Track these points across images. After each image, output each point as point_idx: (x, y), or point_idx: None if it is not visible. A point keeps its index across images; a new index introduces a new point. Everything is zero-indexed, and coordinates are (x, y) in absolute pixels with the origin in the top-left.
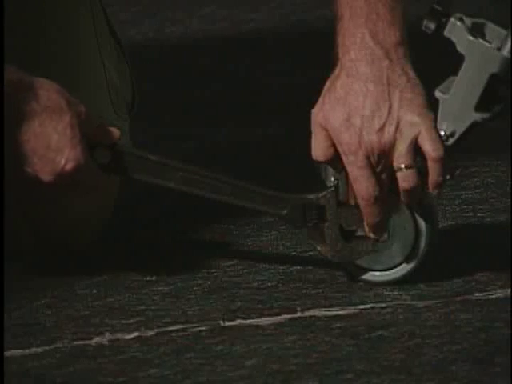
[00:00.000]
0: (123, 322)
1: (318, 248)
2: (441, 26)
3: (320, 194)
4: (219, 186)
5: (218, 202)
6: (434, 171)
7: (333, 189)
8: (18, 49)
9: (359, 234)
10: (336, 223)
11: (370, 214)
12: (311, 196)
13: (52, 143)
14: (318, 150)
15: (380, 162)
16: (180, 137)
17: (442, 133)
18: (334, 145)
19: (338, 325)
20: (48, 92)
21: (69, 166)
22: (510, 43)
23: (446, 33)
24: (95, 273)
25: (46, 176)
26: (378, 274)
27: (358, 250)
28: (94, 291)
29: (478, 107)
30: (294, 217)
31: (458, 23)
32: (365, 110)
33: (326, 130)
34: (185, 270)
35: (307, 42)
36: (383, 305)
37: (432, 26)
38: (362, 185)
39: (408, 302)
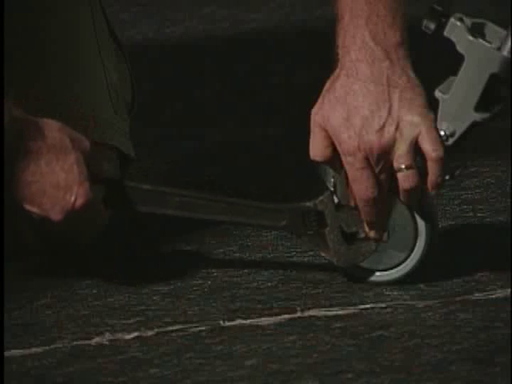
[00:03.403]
0: (123, 321)
1: (323, 254)
2: (441, 26)
3: (317, 200)
4: (215, 206)
5: (216, 222)
6: (433, 171)
7: (329, 193)
8: (17, 49)
9: (361, 235)
10: (336, 227)
11: (370, 214)
12: (308, 203)
13: (60, 182)
14: (316, 149)
15: (379, 163)
16: (180, 137)
17: (442, 133)
18: (332, 145)
19: (338, 325)
20: (52, 131)
21: (79, 203)
22: (510, 43)
23: (445, 33)
24: (95, 273)
25: (55, 215)
26: (377, 274)
27: (361, 252)
28: (94, 291)
29: (478, 107)
30: (293, 226)
31: (458, 23)
32: (364, 110)
33: (325, 129)
34: (185, 270)
35: (307, 42)
36: (383, 305)
37: (432, 26)
38: (362, 185)
39: (408, 302)
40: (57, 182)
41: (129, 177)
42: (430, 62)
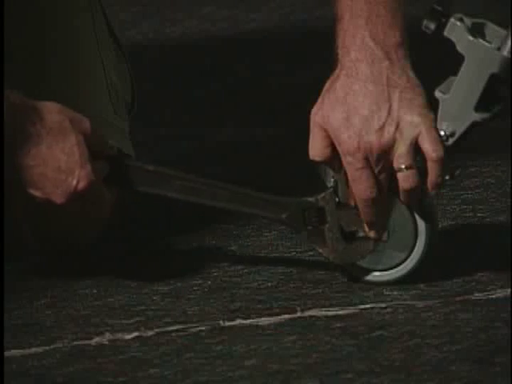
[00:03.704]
0: (123, 321)
1: (320, 251)
2: (441, 26)
3: (319, 196)
4: (217, 192)
5: (216, 208)
6: (433, 171)
7: (331, 190)
8: (17, 49)
9: (360, 234)
10: (336, 224)
11: (369, 214)
12: (310, 199)
13: (61, 165)
14: (316, 149)
15: (379, 163)
16: (180, 137)
17: (442, 133)
18: (331, 145)
19: (338, 325)
20: (51, 114)
21: (81, 185)
22: (510, 43)
23: (445, 33)
24: (95, 273)
25: (58, 198)
26: (377, 274)
27: (359, 251)
28: (94, 291)
29: (478, 107)
30: (293, 220)
31: (458, 23)
32: (364, 110)
33: (325, 129)
34: (185, 270)
35: (307, 42)
36: (383, 305)
37: (432, 26)
38: (361, 185)
39: (408, 302)
40: (58, 165)
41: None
42: (430, 62)
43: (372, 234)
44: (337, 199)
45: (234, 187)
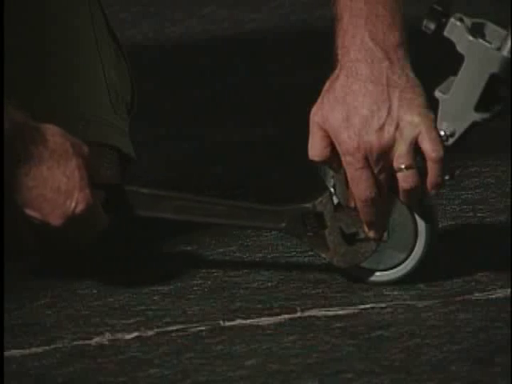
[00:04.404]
0: (123, 321)
1: (323, 255)
2: (441, 26)
3: (316, 201)
4: (214, 208)
5: (216, 225)
6: (433, 171)
7: (328, 194)
8: (17, 49)
9: (361, 236)
10: (336, 227)
11: (369, 214)
12: (308, 204)
13: (61, 187)
14: (315, 149)
15: (379, 163)
16: (180, 137)
17: (442, 133)
18: (330, 145)
19: (338, 325)
20: (54, 136)
21: (79, 209)
22: (510, 43)
23: (445, 33)
24: (95, 273)
25: (55, 220)
26: (378, 274)
27: (361, 252)
28: (94, 291)
29: (478, 107)
30: (293, 228)
31: (458, 23)
32: (364, 110)
33: (324, 130)
34: (185, 270)
35: (307, 42)
36: (383, 305)
37: (432, 25)
38: (361, 186)
39: (408, 302)
40: (58, 187)
41: (129, 177)
42: (430, 62)
43: (372, 234)
44: (335, 202)
45: (230, 202)
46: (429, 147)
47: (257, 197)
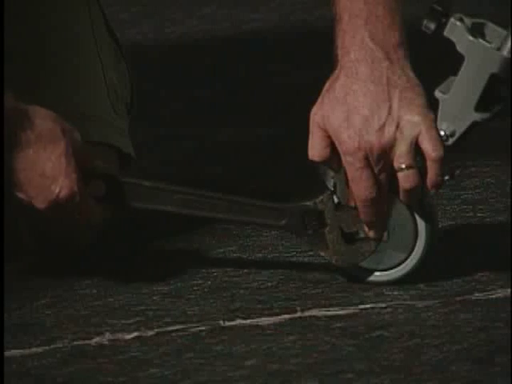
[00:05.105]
0: (123, 321)
1: (322, 254)
2: (441, 26)
3: (317, 200)
4: (215, 203)
5: (216, 220)
6: (433, 171)
7: (329, 193)
8: (17, 49)
9: (361, 235)
10: (336, 226)
11: (369, 214)
12: (308, 203)
13: (46, 171)
14: (315, 149)
15: (379, 162)
16: (180, 137)
17: (442, 133)
18: (330, 145)
19: (338, 325)
20: (43, 120)
21: (63, 194)
22: (510, 43)
23: (445, 33)
24: (95, 273)
25: (39, 203)
26: (377, 273)
27: (361, 252)
28: (94, 291)
29: (478, 107)
30: (293, 226)
31: (458, 23)
32: (364, 110)
33: (325, 130)
34: (185, 270)
35: (307, 42)
36: (383, 305)
37: (432, 26)
38: (361, 185)
39: (408, 302)
40: (43, 171)
41: (128, 176)
42: (430, 62)
43: (371, 234)
44: (335, 201)
45: (232, 197)
46: (429, 147)
47: (257, 197)
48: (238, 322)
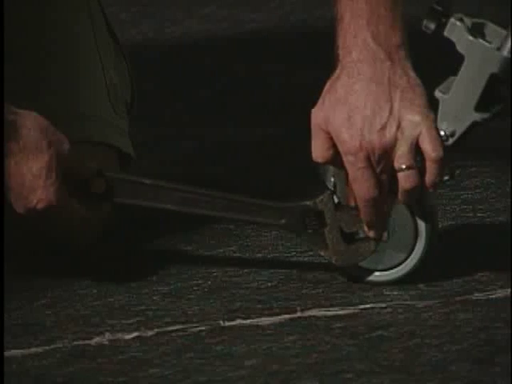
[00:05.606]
0: (123, 321)
1: (322, 254)
2: (441, 26)
3: (317, 199)
4: (215, 201)
5: (216, 218)
6: (432, 171)
7: (329, 192)
8: (17, 49)
9: (361, 235)
10: (336, 226)
11: (370, 214)
12: (308, 202)
13: (26, 183)
14: (318, 151)
15: (380, 163)
16: (180, 137)
17: (442, 133)
18: (333, 146)
19: (338, 325)
20: (30, 131)
21: (40, 206)
22: (510, 43)
23: (446, 33)
24: (95, 273)
25: (19, 209)
26: (377, 273)
27: (361, 252)
28: (94, 291)
29: (478, 107)
30: (293, 225)
31: (458, 23)
32: (366, 110)
33: (326, 131)
34: (185, 270)
35: (307, 42)
36: (383, 305)
37: (432, 26)
38: (362, 185)
39: (408, 302)
40: (22, 182)
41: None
42: (430, 62)
43: (372, 234)
44: (335, 200)
45: (232, 196)
46: (429, 147)
47: (257, 197)
48: (238, 322)
